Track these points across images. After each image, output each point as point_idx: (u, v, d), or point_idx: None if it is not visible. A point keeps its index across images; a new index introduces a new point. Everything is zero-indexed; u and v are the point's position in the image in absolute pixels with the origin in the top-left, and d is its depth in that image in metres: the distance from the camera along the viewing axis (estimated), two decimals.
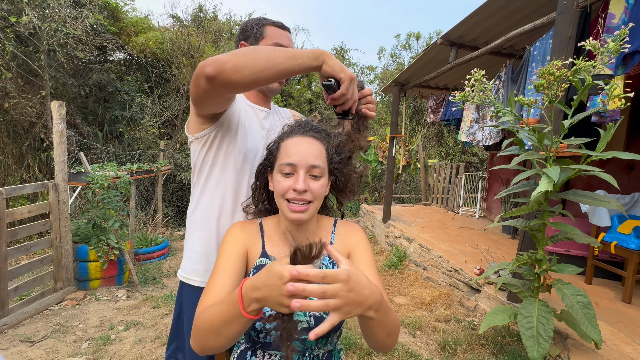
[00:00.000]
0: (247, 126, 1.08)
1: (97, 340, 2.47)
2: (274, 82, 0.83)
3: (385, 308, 0.65)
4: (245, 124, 1.07)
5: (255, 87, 0.82)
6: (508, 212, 2.04)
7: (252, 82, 0.78)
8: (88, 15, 5.38)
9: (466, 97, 1.89)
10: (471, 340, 2.45)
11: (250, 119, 1.10)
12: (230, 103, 0.97)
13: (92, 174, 3.40)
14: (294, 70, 0.80)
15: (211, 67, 0.74)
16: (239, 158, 1.05)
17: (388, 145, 6.05)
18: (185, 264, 1.09)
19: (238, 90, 0.82)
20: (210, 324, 0.67)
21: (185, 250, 1.11)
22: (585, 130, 2.59)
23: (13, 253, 2.75)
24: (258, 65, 0.76)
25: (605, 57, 1.50)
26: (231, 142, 1.04)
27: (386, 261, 4.28)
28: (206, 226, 1.06)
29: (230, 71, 0.75)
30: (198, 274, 1.06)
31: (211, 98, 0.85)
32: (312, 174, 0.82)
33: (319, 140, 0.86)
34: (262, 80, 0.79)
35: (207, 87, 0.78)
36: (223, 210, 1.05)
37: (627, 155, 1.50)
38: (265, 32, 1.12)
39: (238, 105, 1.06)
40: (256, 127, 1.12)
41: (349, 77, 0.82)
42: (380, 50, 17.03)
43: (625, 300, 2.61)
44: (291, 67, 0.80)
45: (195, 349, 0.72)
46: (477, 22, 3.35)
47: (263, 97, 1.19)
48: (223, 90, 0.81)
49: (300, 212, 0.81)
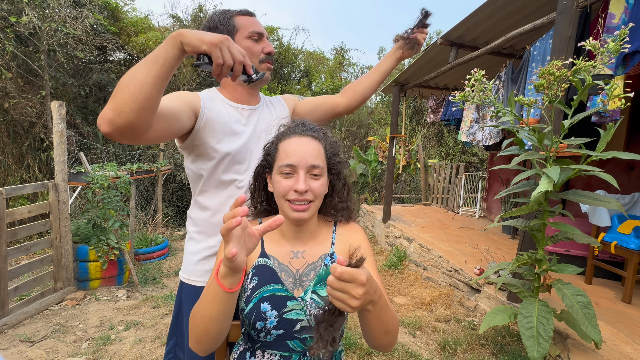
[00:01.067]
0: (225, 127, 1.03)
1: (97, 340, 2.47)
2: (157, 95, 0.73)
3: (383, 303, 0.66)
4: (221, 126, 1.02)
5: (149, 115, 0.73)
6: (508, 212, 2.04)
7: (140, 112, 0.71)
8: (88, 15, 5.38)
9: (466, 97, 1.89)
10: (471, 340, 2.45)
11: (225, 121, 1.03)
12: (177, 122, 0.90)
13: (92, 174, 3.40)
14: (162, 71, 0.72)
15: (102, 126, 0.71)
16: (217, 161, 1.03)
17: (388, 145, 6.05)
18: (185, 265, 1.11)
19: (140, 127, 0.74)
20: (197, 307, 0.71)
21: (185, 252, 1.14)
22: (585, 130, 2.59)
23: (13, 253, 2.75)
24: (131, 94, 0.69)
25: (605, 57, 1.50)
26: (207, 147, 1.01)
27: (386, 261, 4.28)
28: (203, 228, 1.08)
29: (115, 118, 0.69)
30: (198, 274, 1.08)
31: (138, 141, 0.79)
32: (312, 173, 0.82)
33: (317, 139, 0.86)
34: (145, 103, 0.71)
35: (121, 139, 0.74)
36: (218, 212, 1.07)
37: (627, 155, 1.50)
38: (237, 24, 1.06)
39: (210, 108, 1.02)
40: (236, 127, 1.05)
41: (212, 44, 0.73)
42: (380, 50, 17.00)
43: (625, 300, 2.61)
44: (157, 71, 0.71)
45: (192, 345, 0.74)
46: (477, 22, 3.35)
47: (246, 92, 1.10)
48: (131, 135, 0.74)
49: (302, 211, 0.81)
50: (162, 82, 0.73)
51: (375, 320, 0.67)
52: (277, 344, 0.81)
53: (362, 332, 0.74)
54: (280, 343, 0.80)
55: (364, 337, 0.75)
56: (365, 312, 0.65)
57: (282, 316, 0.79)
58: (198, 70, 0.91)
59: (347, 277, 0.56)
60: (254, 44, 1.07)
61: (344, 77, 12.88)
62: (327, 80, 11.08)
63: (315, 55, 12.31)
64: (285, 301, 0.80)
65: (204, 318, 0.69)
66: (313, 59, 11.83)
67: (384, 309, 0.67)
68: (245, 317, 0.81)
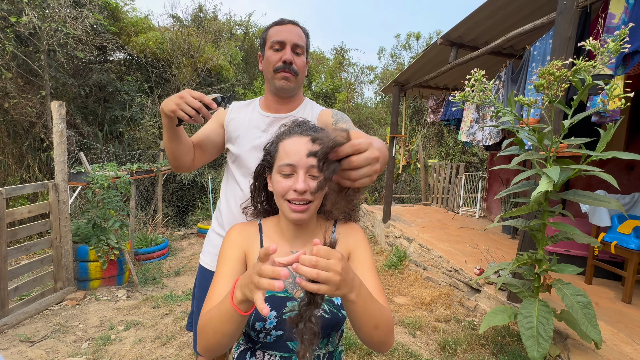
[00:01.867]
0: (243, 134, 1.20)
1: (97, 340, 2.47)
2: (176, 148, 1.08)
3: (365, 292, 0.67)
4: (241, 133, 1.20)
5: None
6: (508, 212, 2.04)
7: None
8: (88, 15, 5.38)
9: (466, 97, 1.89)
10: (471, 340, 2.45)
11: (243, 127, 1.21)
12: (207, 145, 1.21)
13: (92, 174, 3.40)
14: (169, 132, 1.03)
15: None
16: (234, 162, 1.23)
17: (388, 145, 6.05)
18: (204, 247, 1.31)
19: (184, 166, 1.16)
20: (210, 323, 0.70)
21: (206, 244, 1.31)
22: (585, 130, 2.59)
23: (13, 253, 2.75)
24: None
25: (605, 57, 1.50)
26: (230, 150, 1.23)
27: (386, 261, 4.28)
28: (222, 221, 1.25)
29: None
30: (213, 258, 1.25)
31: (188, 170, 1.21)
32: (311, 174, 0.82)
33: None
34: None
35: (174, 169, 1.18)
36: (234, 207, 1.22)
37: (627, 155, 1.50)
38: (268, 36, 1.17)
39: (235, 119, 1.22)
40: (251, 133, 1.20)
41: (170, 110, 0.95)
42: (380, 50, 17.04)
43: (625, 300, 2.61)
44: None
45: (201, 352, 0.74)
46: (477, 22, 3.35)
47: (274, 100, 1.22)
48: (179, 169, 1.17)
49: (301, 212, 0.81)
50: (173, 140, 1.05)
51: (362, 312, 0.67)
52: (277, 344, 0.80)
53: (354, 330, 0.73)
54: (280, 344, 0.80)
55: (357, 336, 0.74)
56: (350, 303, 0.65)
57: (282, 317, 0.79)
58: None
59: (323, 254, 0.57)
60: (273, 53, 1.15)
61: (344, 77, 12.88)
62: (327, 80, 11.08)
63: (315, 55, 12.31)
64: (284, 302, 0.80)
65: (217, 334, 0.69)
66: (313, 59, 11.84)
67: (368, 300, 0.68)
68: None
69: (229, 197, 1.24)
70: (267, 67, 1.18)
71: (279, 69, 1.14)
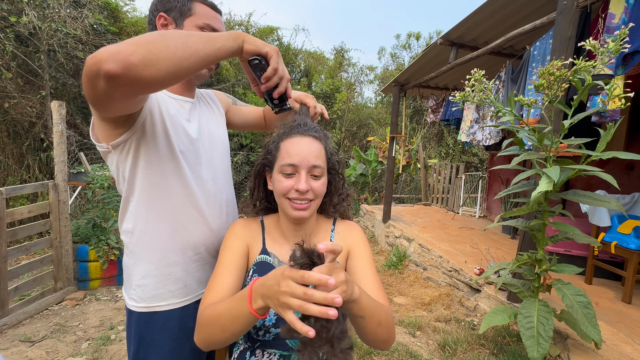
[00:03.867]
0: (174, 122, 0.91)
1: (97, 340, 2.47)
2: (195, 72, 0.69)
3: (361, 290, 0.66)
4: (170, 120, 0.90)
5: (174, 83, 0.66)
6: (508, 212, 2.04)
7: (171, 76, 0.63)
8: (88, 15, 5.38)
9: (466, 97, 1.89)
10: (471, 340, 2.45)
11: (173, 112, 0.92)
12: (144, 102, 0.80)
13: (92, 174, 3.41)
14: (215, 55, 0.70)
15: (113, 64, 0.56)
16: (175, 158, 0.90)
17: (388, 145, 6.05)
18: (139, 293, 0.91)
19: (153, 88, 0.66)
20: (217, 320, 0.68)
21: (134, 279, 0.92)
22: (585, 130, 2.59)
23: (13, 253, 2.75)
24: (175, 55, 0.62)
25: (605, 57, 1.50)
26: (160, 143, 0.87)
27: (386, 261, 4.28)
28: (164, 243, 0.91)
29: (140, 66, 0.58)
30: (161, 298, 0.91)
31: (116, 101, 0.66)
32: (313, 174, 0.82)
33: (318, 139, 0.86)
34: (183, 72, 0.65)
35: (109, 88, 0.59)
36: (183, 218, 0.92)
37: (627, 155, 1.50)
38: (194, 9, 0.94)
39: (156, 97, 0.89)
40: (182, 121, 0.94)
41: (275, 50, 0.77)
42: (380, 50, 17.05)
43: (625, 300, 2.61)
44: (212, 52, 0.68)
45: (199, 344, 0.73)
46: (477, 22, 3.35)
47: (187, 86, 1.01)
48: (132, 91, 0.63)
49: (302, 209, 0.81)
50: (205, 64, 0.69)
51: (365, 309, 0.66)
52: (276, 342, 0.81)
53: (357, 331, 0.73)
54: (280, 342, 0.81)
55: (360, 337, 0.74)
56: (352, 304, 0.64)
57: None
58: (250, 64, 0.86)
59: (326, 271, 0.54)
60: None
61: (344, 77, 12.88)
62: (327, 80, 11.07)
63: (315, 55, 12.31)
64: None
65: (226, 332, 0.68)
66: (313, 59, 11.84)
67: (364, 296, 0.67)
68: None
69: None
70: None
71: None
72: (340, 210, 0.96)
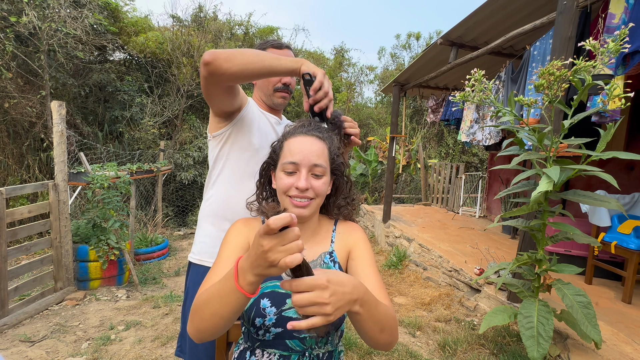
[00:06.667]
0: (260, 126, 1.21)
1: (97, 340, 2.47)
2: (259, 77, 0.97)
3: (371, 301, 0.66)
4: (257, 124, 1.21)
5: (243, 79, 0.96)
6: (508, 212, 2.04)
7: (240, 72, 0.93)
8: (88, 15, 5.38)
9: (466, 97, 1.89)
10: (471, 340, 2.45)
11: (263, 121, 1.24)
12: (234, 98, 1.09)
13: (92, 174, 3.40)
14: (277, 68, 0.95)
15: (208, 55, 0.91)
16: (251, 153, 1.18)
17: (388, 145, 6.05)
18: (199, 247, 1.20)
19: (228, 78, 0.95)
20: (206, 303, 0.67)
21: (198, 236, 1.22)
22: (585, 130, 2.59)
23: (13, 253, 2.75)
24: (247, 59, 0.93)
25: (605, 57, 1.50)
26: (244, 139, 1.17)
27: (386, 261, 4.28)
28: (221, 213, 1.18)
29: (222, 60, 0.91)
30: (212, 255, 1.16)
31: (211, 86, 0.99)
32: (314, 172, 0.82)
33: (321, 139, 0.86)
34: (249, 72, 0.94)
35: (204, 72, 0.93)
36: (237, 199, 1.16)
37: (627, 155, 1.50)
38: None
39: (251, 108, 1.21)
40: (268, 128, 1.25)
41: (322, 71, 0.93)
42: (380, 50, 17.03)
43: (625, 300, 2.61)
44: (275, 65, 0.94)
45: (191, 333, 0.71)
46: (477, 22, 3.35)
47: (273, 110, 1.31)
48: (216, 78, 0.94)
49: (303, 207, 0.82)
50: (267, 72, 0.96)
51: (368, 320, 0.66)
52: (276, 342, 0.81)
53: (359, 334, 0.73)
54: (279, 342, 0.81)
55: (362, 339, 0.74)
56: (355, 314, 0.64)
57: (281, 314, 0.79)
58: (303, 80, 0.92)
59: (304, 288, 0.54)
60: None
61: (344, 77, 12.88)
62: None
63: (315, 55, 12.30)
64: (284, 298, 0.81)
65: (215, 316, 0.66)
66: (313, 59, 11.83)
67: (373, 306, 0.66)
68: (245, 312, 0.81)
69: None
70: None
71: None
72: (345, 213, 0.96)
